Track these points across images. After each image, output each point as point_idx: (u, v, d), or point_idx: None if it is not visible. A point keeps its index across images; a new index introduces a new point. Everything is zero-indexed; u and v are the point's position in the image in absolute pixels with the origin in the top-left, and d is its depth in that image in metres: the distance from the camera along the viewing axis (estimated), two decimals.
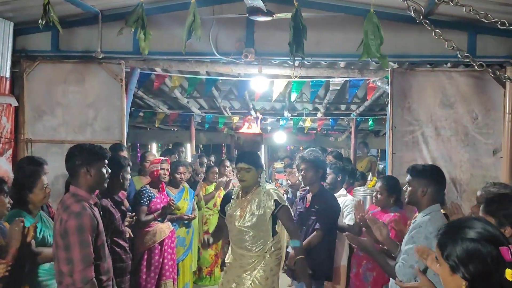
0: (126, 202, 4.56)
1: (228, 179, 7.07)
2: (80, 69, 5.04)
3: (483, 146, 4.76)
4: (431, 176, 3.03)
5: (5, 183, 2.95)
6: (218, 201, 6.03)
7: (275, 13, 4.06)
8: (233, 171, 8.16)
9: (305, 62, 4.98)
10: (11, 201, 2.97)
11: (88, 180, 2.85)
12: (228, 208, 3.75)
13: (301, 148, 17.40)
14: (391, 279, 3.21)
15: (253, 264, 3.58)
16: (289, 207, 3.85)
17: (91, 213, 2.76)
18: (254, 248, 3.60)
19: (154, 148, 14.94)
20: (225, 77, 5.91)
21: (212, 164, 8.16)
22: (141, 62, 5.15)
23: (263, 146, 10.80)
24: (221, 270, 7.36)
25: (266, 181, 3.88)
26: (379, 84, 5.17)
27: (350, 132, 12.38)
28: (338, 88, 5.52)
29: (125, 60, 5.03)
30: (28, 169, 3.32)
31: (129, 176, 4.05)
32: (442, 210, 3.12)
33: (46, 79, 5.02)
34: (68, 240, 2.65)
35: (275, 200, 3.62)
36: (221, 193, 6.42)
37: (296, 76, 5.11)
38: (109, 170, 3.00)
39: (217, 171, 7.30)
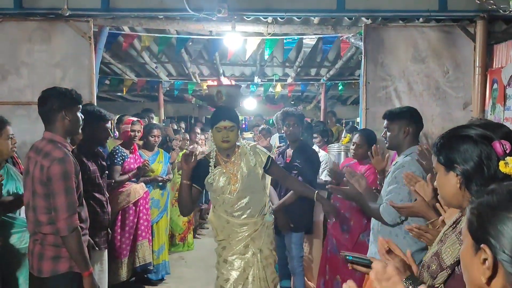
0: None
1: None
2: (46, 27, 4.82)
3: (453, 100, 4.85)
4: (411, 117, 3.09)
5: None
6: None
7: None
8: (204, 139, 8.12)
9: (279, 18, 4.92)
10: None
11: (65, 125, 2.74)
12: (211, 178, 3.20)
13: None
14: (372, 225, 3.27)
15: (258, 231, 3.19)
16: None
17: (73, 159, 2.68)
18: (254, 213, 3.20)
19: None
20: (196, 36, 5.78)
21: (183, 131, 8.10)
22: (109, 20, 4.96)
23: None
24: (194, 236, 7.39)
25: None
26: (352, 40, 5.17)
27: (318, 101, 12.46)
28: (311, 47, 5.48)
29: (93, 18, 4.84)
30: None
31: (109, 126, 3.95)
32: None
33: (9, 38, 4.78)
34: (52, 187, 2.55)
35: (268, 157, 3.30)
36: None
37: (269, 34, 5.06)
38: (83, 117, 2.91)
39: (188, 138, 7.26)
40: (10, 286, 3.07)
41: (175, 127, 8.68)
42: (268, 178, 3.40)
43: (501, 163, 1.44)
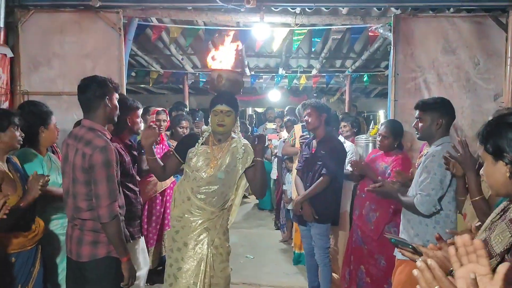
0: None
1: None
2: (77, 19, 4.91)
3: (484, 92, 4.79)
4: (444, 108, 3.06)
5: (15, 116, 2.88)
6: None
7: None
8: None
9: (307, 9, 4.90)
10: (23, 134, 2.92)
11: (106, 112, 2.79)
12: (193, 153, 3.19)
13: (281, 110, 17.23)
14: (403, 214, 3.26)
15: (213, 220, 3.14)
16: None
17: (114, 148, 2.72)
18: (216, 204, 3.13)
19: None
20: (224, 27, 5.79)
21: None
22: (139, 11, 5.02)
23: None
24: None
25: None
26: (381, 31, 5.12)
27: (342, 94, 12.37)
28: (339, 37, 5.44)
29: (122, 9, 4.90)
30: (39, 108, 3.28)
31: (139, 120, 3.99)
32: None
33: (41, 29, 4.89)
34: (94, 175, 2.60)
35: (254, 159, 3.19)
36: None
37: (297, 24, 5.04)
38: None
39: None
40: (51, 271, 3.16)
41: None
42: (245, 180, 3.31)
43: None
